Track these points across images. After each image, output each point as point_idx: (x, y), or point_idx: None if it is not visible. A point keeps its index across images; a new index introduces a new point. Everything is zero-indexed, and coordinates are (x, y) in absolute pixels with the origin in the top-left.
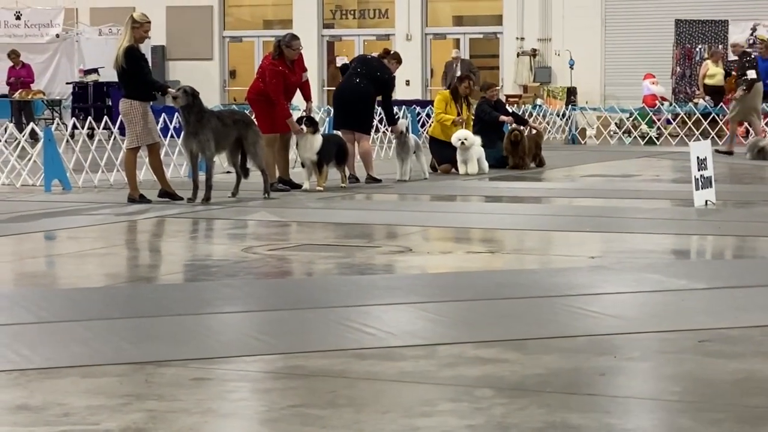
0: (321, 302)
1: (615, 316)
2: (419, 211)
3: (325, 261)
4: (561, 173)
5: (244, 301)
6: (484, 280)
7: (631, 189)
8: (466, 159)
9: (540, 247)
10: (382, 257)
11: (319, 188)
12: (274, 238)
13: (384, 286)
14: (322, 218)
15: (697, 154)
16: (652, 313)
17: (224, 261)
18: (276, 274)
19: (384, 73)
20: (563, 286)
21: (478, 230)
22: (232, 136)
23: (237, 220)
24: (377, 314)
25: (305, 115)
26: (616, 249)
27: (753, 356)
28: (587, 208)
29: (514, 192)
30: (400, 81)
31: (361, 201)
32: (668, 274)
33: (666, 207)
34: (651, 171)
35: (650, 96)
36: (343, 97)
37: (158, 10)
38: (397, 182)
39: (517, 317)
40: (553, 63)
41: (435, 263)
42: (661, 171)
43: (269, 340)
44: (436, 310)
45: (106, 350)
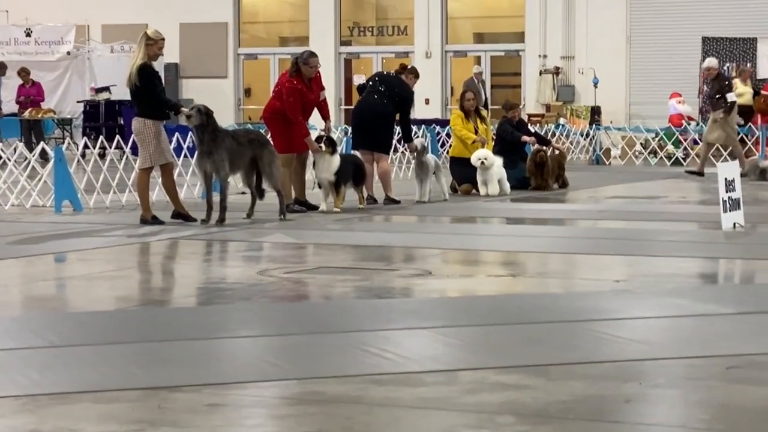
0: (338, 326)
1: (641, 342)
2: (439, 233)
3: (342, 284)
4: (585, 194)
5: (259, 325)
6: (506, 304)
7: (657, 211)
8: (486, 179)
9: (563, 271)
10: (401, 280)
11: (336, 209)
12: (290, 260)
13: (403, 310)
14: (339, 240)
15: (724, 175)
16: (679, 338)
17: (239, 284)
18: (292, 298)
19: (403, 89)
20: (587, 311)
21: (500, 253)
22: (247, 155)
23: (252, 242)
24: (396, 339)
25: (324, 135)
26: (642, 273)
27: None
28: (612, 230)
29: (536, 213)
30: (419, 99)
31: (379, 222)
32: (695, 298)
33: (693, 230)
34: (677, 192)
35: (677, 115)
36: (361, 116)
37: (172, 26)
38: (416, 203)
39: (540, 342)
40: (576, 81)
41: (455, 287)
42: (687, 192)
43: (285, 365)
44: (456, 334)
45: (117, 375)
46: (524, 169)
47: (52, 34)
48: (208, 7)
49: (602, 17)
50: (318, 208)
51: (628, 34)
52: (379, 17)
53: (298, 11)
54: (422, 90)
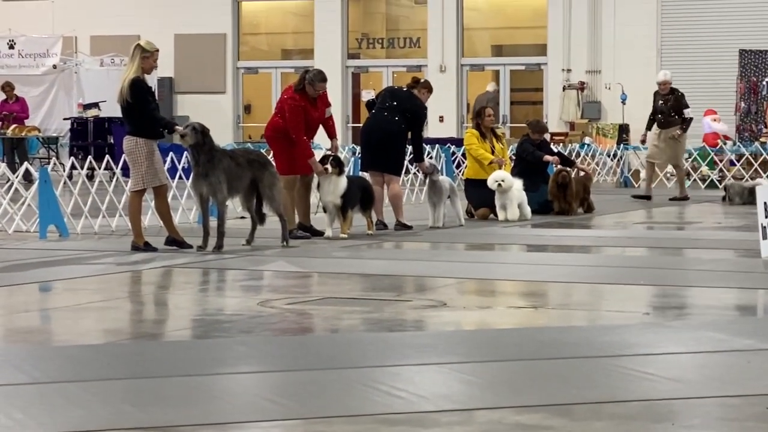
0: (345, 362)
1: (672, 379)
2: (454, 261)
3: (350, 316)
4: (612, 220)
5: (260, 361)
6: (527, 338)
7: (691, 238)
8: (505, 203)
9: (589, 302)
10: (413, 312)
11: (343, 235)
12: (294, 290)
13: (415, 345)
14: (346, 269)
15: (764, 199)
16: (714, 375)
17: (238, 316)
18: (295, 331)
19: (415, 105)
20: (614, 345)
21: (520, 283)
22: (247, 177)
23: (252, 271)
24: (408, 375)
25: (330, 155)
26: (674, 304)
27: None
28: (641, 258)
29: (559, 240)
30: (433, 117)
31: (389, 250)
32: (732, 332)
33: (729, 258)
34: (712, 218)
35: (712, 134)
36: (370, 134)
37: (166, 38)
38: (429, 229)
39: (563, 379)
40: (603, 97)
41: (472, 319)
42: (723, 218)
43: (288, 404)
44: (473, 371)
45: (107, 414)
46: (546, 191)
47: (37, 46)
48: (205, 17)
49: (631, 28)
50: (323, 234)
51: (658, 47)
52: (390, 28)
53: (302, 22)
54: (436, 106)
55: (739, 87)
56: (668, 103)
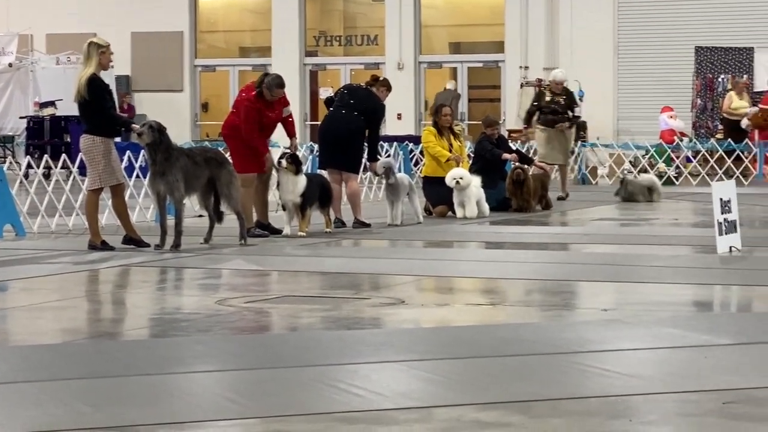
0: (303, 360)
1: (630, 375)
2: (412, 258)
3: (308, 314)
4: (570, 217)
5: (218, 359)
6: (485, 336)
7: (648, 234)
8: (463, 201)
9: (547, 299)
10: (372, 310)
11: (301, 233)
12: (252, 288)
13: (373, 342)
14: (304, 267)
15: (720, 196)
16: (672, 371)
17: (196, 314)
18: (254, 329)
19: (373, 103)
20: (573, 342)
21: (478, 280)
22: (204, 176)
23: (210, 269)
24: (366, 373)
25: (288, 152)
26: (632, 300)
27: None
28: (599, 255)
29: (517, 237)
30: (391, 114)
31: (348, 248)
32: (689, 328)
33: (686, 254)
34: (669, 214)
35: (668, 131)
36: (329, 132)
37: (123, 36)
38: (387, 227)
39: (521, 376)
40: None
41: (430, 317)
42: (680, 214)
43: (246, 403)
44: (431, 368)
45: (63, 415)
46: (504, 189)
47: None
48: (162, 15)
49: (588, 25)
50: (281, 232)
51: (615, 44)
52: (348, 26)
53: (259, 19)
54: (394, 104)
55: (695, 84)
56: (562, 102)
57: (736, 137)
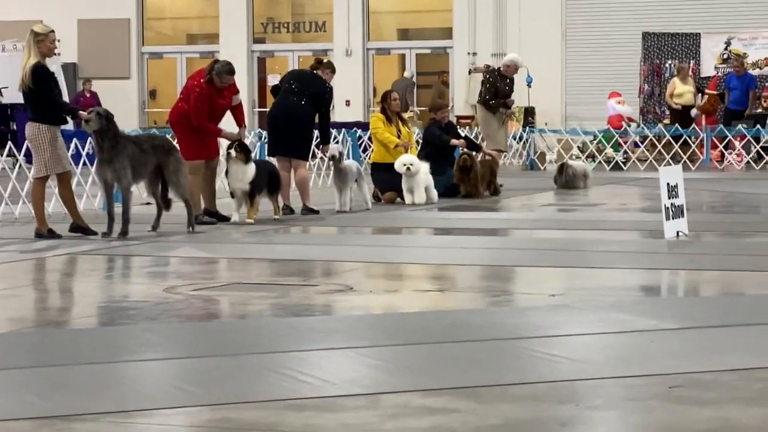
0: (252, 347)
1: (577, 360)
2: (361, 245)
3: (256, 301)
4: (518, 202)
5: (166, 347)
6: (433, 322)
7: (596, 219)
8: (412, 187)
9: (495, 285)
10: (321, 297)
11: (249, 221)
12: (200, 276)
13: (322, 329)
14: (253, 254)
15: (667, 181)
16: (618, 356)
17: (144, 302)
18: (202, 317)
19: (318, 85)
20: (521, 327)
21: (427, 266)
22: (152, 163)
23: (158, 257)
24: (315, 360)
25: (236, 140)
26: (579, 286)
27: (728, 403)
28: (547, 240)
29: (466, 223)
30: (339, 101)
31: (296, 234)
32: (636, 313)
33: (634, 239)
34: (617, 199)
35: (616, 117)
36: (277, 119)
37: (69, 23)
38: (336, 213)
39: (469, 362)
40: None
41: (379, 303)
42: (628, 199)
43: (194, 390)
44: (379, 355)
45: (10, 403)
46: (453, 175)
47: None
48: (109, 2)
49: (536, 11)
50: (230, 219)
51: (563, 30)
52: (296, 12)
53: (207, 6)
54: (342, 91)
55: (642, 69)
56: (510, 87)
57: (683, 123)
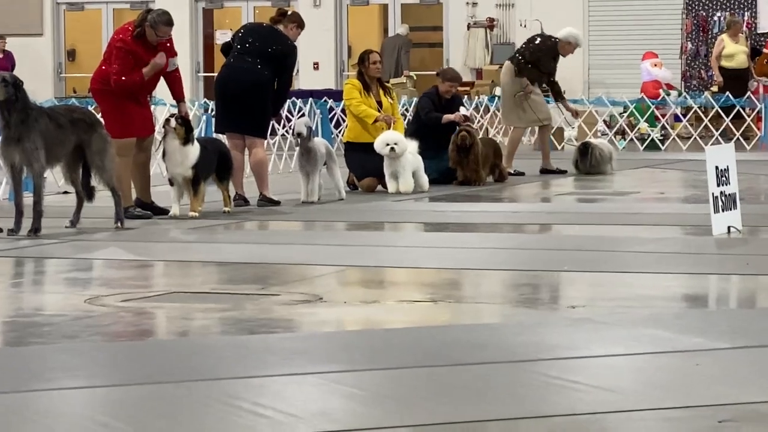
0: (196, 373)
1: (605, 388)
2: (333, 244)
3: (201, 315)
4: (529, 190)
5: (89, 373)
6: (424, 340)
7: (627, 212)
8: (396, 171)
9: (501, 294)
10: (282, 309)
11: (193, 214)
12: (131, 284)
13: (284, 350)
14: (197, 256)
15: (715, 163)
16: (655, 383)
17: (61, 316)
18: (133, 335)
19: (281, 44)
20: (532, 347)
21: (415, 271)
22: (71, 142)
23: (78, 260)
24: (275, 389)
25: (175, 114)
26: (607, 295)
27: None
28: (566, 238)
29: (464, 217)
30: (306, 63)
31: (252, 231)
32: (677, 329)
33: (674, 236)
34: (653, 187)
35: (652, 83)
36: (227, 87)
37: None
38: (301, 204)
39: (469, 391)
40: (517, 38)
41: (355, 317)
42: (666, 186)
43: (124, 428)
44: (356, 382)
45: None
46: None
47: None
48: None
49: None
50: (168, 212)
51: None
52: None
53: None
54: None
55: (685, 24)
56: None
57: (736, 90)
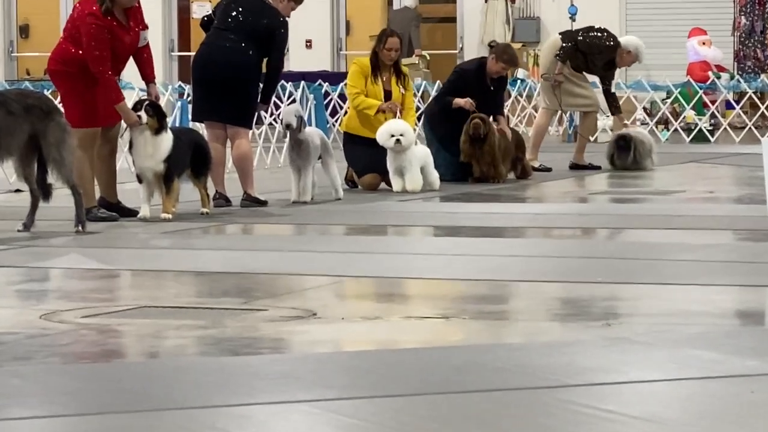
0: (169, 401)
1: (644, 419)
2: (328, 251)
3: (175, 333)
4: (557, 188)
5: (43, 400)
6: (434, 362)
7: (670, 214)
8: (402, 167)
9: (524, 309)
10: (269, 326)
11: (166, 215)
12: (94, 297)
13: (272, 374)
14: (171, 264)
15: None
16: (703, 412)
17: (12, 335)
18: (96, 356)
19: (271, 18)
20: (560, 371)
21: (424, 282)
22: (24, 132)
23: (32, 269)
24: (261, 419)
25: (145, 100)
26: (646, 310)
27: None
28: (601, 245)
29: (481, 219)
30: (298, 41)
31: (234, 236)
32: (729, 350)
33: (725, 242)
34: (701, 184)
35: (699, 64)
36: (206, 68)
37: None
38: (292, 205)
39: (486, 422)
40: (542, 12)
41: (354, 335)
42: (717, 184)
43: None
44: (355, 411)
45: None
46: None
47: None
48: None
49: None
50: (137, 213)
51: None
52: None
53: None
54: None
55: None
56: (600, 67)
57: None
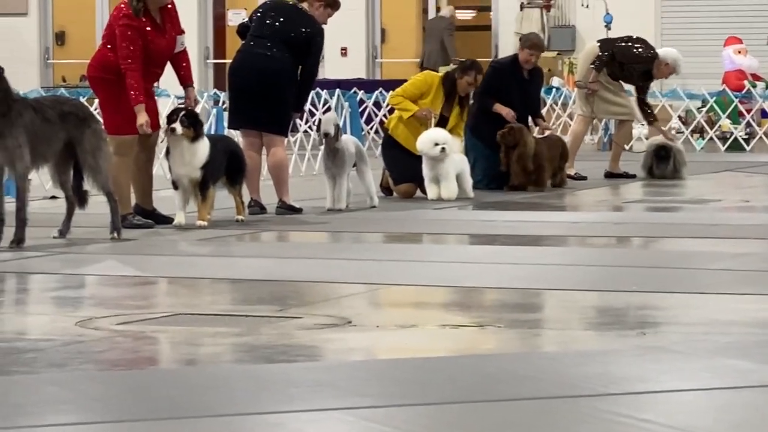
0: (204, 408)
1: (680, 428)
2: (363, 259)
3: (211, 341)
4: (592, 197)
5: (79, 407)
6: (468, 371)
7: (706, 223)
8: (438, 175)
9: (558, 317)
10: (304, 334)
11: (201, 223)
12: (129, 304)
13: (306, 381)
14: (206, 272)
15: None
16: (738, 422)
17: (48, 341)
18: (130, 363)
19: (308, 26)
20: (595, 380)
21: (459, 290)
22: (60, 139)
23: (68, 276)
24: (296, 426)
25: (181, 108)
26: (682, 319)
27: None
28: (636, 253)
29: (515, 228)
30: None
31: (269, 244)
32: (763, 359)
33: (761, 251)
34: (736, 194)
35: (735, 72)
36: (242, 75)
37: None
38: (327, 212)
39: (521, 430)
40: (578, 19)
41: (389, 344)
42: (752, 194)
43: None
44: (389, 419)
45: None
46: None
47: None
48: None
49: None
50: (172, 220)
51: None
52: None
53: None
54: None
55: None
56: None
57: None
